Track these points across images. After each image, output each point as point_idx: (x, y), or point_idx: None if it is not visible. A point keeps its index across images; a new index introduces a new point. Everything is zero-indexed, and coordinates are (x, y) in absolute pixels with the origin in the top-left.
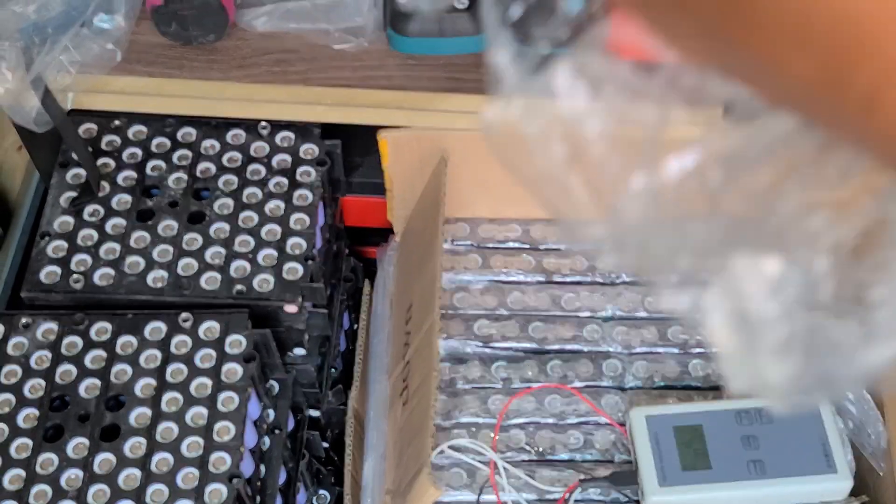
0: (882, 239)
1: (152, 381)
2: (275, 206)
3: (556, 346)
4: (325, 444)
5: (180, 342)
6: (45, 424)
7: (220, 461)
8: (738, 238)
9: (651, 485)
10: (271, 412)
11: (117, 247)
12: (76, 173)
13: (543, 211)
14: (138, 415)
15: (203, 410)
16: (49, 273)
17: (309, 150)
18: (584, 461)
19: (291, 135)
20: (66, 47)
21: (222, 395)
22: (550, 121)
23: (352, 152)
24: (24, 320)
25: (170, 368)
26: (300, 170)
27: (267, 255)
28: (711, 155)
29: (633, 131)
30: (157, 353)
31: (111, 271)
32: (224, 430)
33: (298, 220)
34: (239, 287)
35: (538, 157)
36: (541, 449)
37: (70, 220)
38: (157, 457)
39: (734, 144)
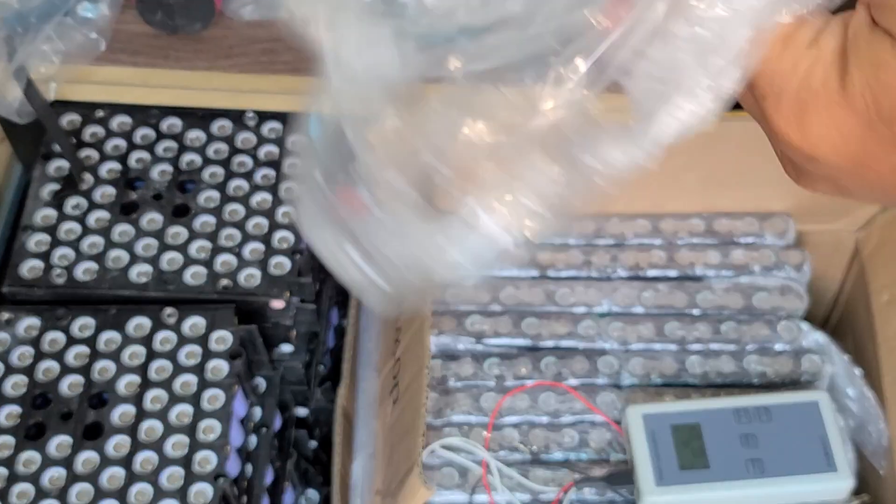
0: None
1: (136, 379)
2: (261, 198)
3: (551, 343)
4: (314, 443)
5: (164, 338)
6: (26, 422)
7: (206, 460)
8: None
9: (648, 484)
10: (258, 410)
11: (100, 241)
12: (59, 165)
13: None
14: (122, 413)
15: (188, 408)
16: (31, 267)
17: (297, 140)
18: (579, 461)
19: (279, 125)
20: (49, 36)
21: (207, 393)
22: None
23: None
24: (5, 316)
25: (154, 365)
26: (288, 161)
27: (253, 248)
28: None
29: None
30: (141, 350)
31: (94, 266)
32: (209, 429)
33: (286, 213)
34: (224, 282)
35: None
36: (535, 448)
37: (52, 213)
38: (141, 456)
39: None
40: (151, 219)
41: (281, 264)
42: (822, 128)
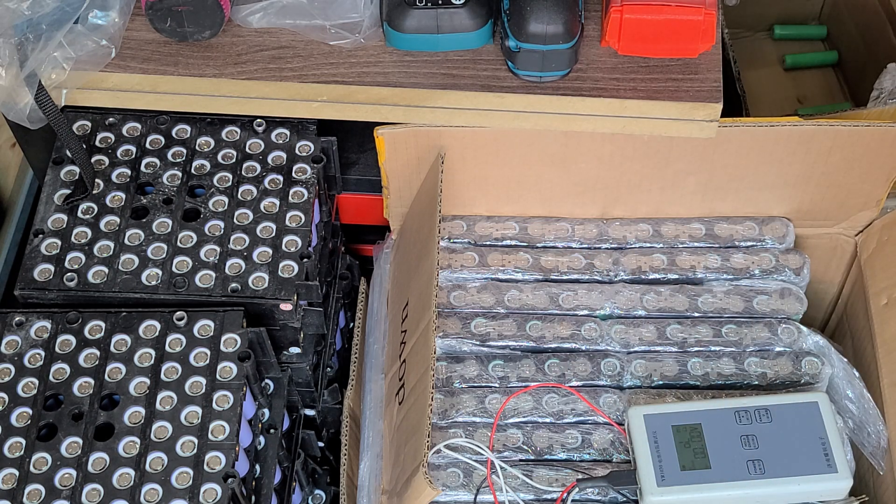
0: None
1: (146, 380)
2: (270, 203)
3: (554, 345)
4: (321, 444)
5: (174, 340)
6: (38, 423)
7: (215, 461)
8: None
9: (649, 484)
10: (266, 411)
11: (111, 244)
12: (70, 170)
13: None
14: (132, 414)
15: (197, 409)
16: (43, 271)
17: (304, 146)
18: (582, 461)
19: (287, 132)
20: (60, 44)
21: (217, 394)
22: None
23: (348, 149)
24: (17, 318)
25: (164, 367)
26: (296, 167)
27: (262, 252)
28: None
29: None
30: (151, 352)
31: (105, 269)
32: (219, 430)
33: (294, 217)
34: (234, 285)
35: None
36: (538, 448)
37: (64, 217)
38: (152, 456)
39: None
40: (162, 223)
41: (289, 267)
42: None
